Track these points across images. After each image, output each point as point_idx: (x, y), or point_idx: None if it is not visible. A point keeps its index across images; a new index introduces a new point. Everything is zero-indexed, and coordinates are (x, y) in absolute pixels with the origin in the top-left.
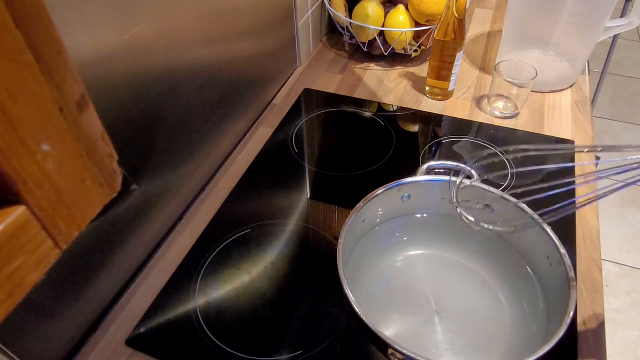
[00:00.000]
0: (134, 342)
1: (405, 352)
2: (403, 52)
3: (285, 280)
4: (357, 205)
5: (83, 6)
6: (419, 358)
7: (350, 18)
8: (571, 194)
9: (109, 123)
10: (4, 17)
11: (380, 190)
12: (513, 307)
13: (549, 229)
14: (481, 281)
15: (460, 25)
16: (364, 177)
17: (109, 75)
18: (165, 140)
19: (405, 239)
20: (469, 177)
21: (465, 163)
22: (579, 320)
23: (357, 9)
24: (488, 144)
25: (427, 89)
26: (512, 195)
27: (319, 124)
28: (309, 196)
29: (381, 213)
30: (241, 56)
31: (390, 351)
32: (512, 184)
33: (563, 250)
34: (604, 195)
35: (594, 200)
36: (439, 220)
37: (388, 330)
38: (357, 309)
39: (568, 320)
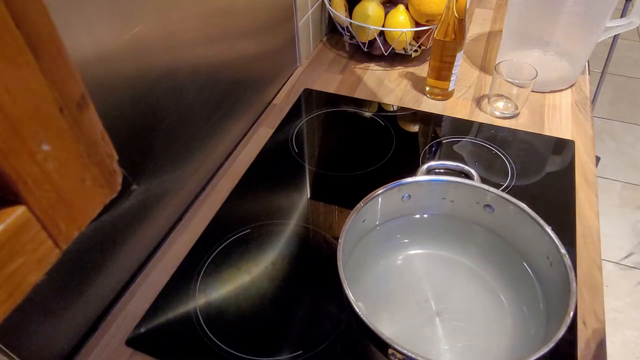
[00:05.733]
0: (134, 342)
1: (405, 352)
2: (403, 52)
3: (285, 280)
4: (357, 205)
5: (83, 6)
6: (419, 358)
7: (350, 18)
8: (571, 194)
9: (109, 123)
10: (4, 17)
11: (380, 190)
12: (513, 307)
13: (549, 229)
14: (481, 281)
15: (460, 25)
16: (364, 177)
17: (109, 75)
18: (165, 140)
19: (405, 239)
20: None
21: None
22: (579, 320)
23: (357, 9)
24: (488, 144)
25: (427, 89)
26: (512, 195)
27: (319, 124)
28: (309, 196)
29: (381, 213)
30: (241, 56)
31: (390, 351)
32: (512, 184)
33: (563, 250)
34: None
35: None
36: (439, 220)
37: (388, 330)
38: (357, 309)
39: (568, 321)
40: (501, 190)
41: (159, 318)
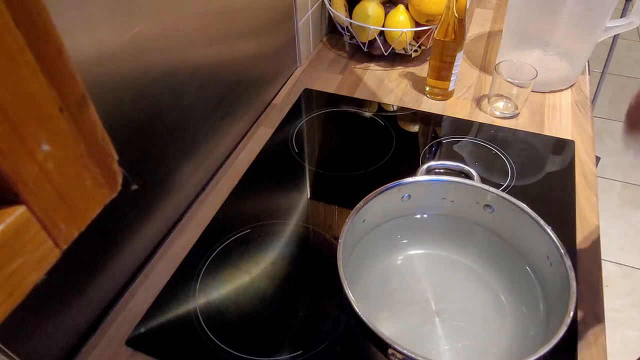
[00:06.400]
0: (134, 342)
1: (405, 352)
2: (403, 52)
3: (285, 280)
4: (357, 205)
5: (83, 6)
6: (418, 358)
7: (350, 18)
8: (571, 194)
9: (109, 123)
10: (4, 17)
11: (380, 190)
12: (513, 307)
13: (549, 229)
14: (481, 281)
15: (460, 25)
16: (364, 177)
17: (109, 75)
18: (165, 140)
19: (405, 239)
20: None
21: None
22: (579, 320)
23: (357, 9)
24: (488, 144)
25: (427, 89)
26: (512, 195)
27: (319, 124)
28: (309, 196)
29: (381, 213)
30: (241, 56)
31: (390, 351)
32: (512, 184)
33: (563, 250)
34: None
35: None
36: (439, 220)
37: (388, 330)
38: (357, 309)
39: (568, 321)
40: (501, 190)
41: (159, 318)
